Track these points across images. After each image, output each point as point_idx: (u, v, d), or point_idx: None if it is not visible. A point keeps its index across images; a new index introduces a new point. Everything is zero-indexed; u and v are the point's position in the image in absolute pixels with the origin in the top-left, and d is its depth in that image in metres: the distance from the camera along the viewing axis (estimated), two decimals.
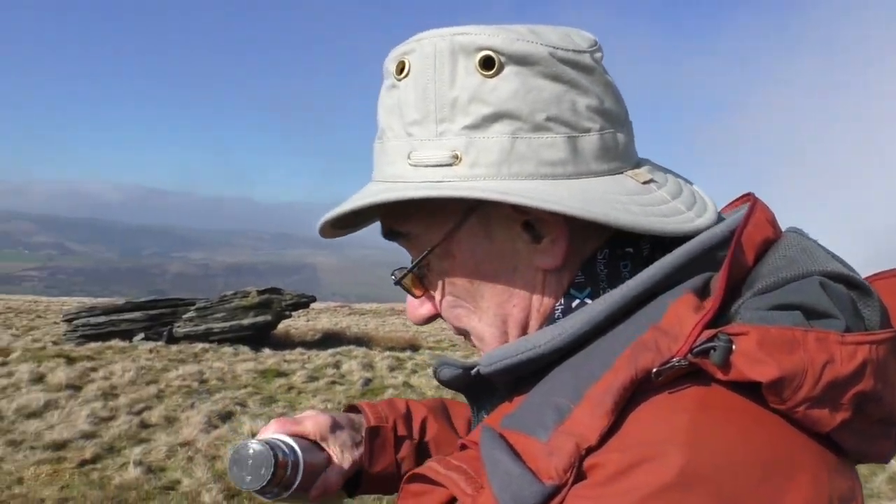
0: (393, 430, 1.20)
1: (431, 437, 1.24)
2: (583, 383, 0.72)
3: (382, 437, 1.19)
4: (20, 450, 7.56)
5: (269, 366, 13.59)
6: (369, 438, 1.17)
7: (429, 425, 1.25)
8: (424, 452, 1.22)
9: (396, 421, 1.22)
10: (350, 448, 1.16)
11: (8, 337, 17.85)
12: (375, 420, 1.20)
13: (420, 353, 17.21)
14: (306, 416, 1.15)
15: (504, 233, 0.86)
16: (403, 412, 1.25)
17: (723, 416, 0.68)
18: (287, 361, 14.33)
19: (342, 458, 1.14)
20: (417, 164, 0.84)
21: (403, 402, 1.29)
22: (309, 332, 20.78)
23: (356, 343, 18.32)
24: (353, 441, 1.16)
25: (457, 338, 1.18)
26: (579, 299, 0.86)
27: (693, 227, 0.81)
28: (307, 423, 1.13)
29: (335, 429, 1.15)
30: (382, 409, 1.24)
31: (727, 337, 0.68)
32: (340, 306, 41.72)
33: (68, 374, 11.46)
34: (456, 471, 0.78)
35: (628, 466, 0.64)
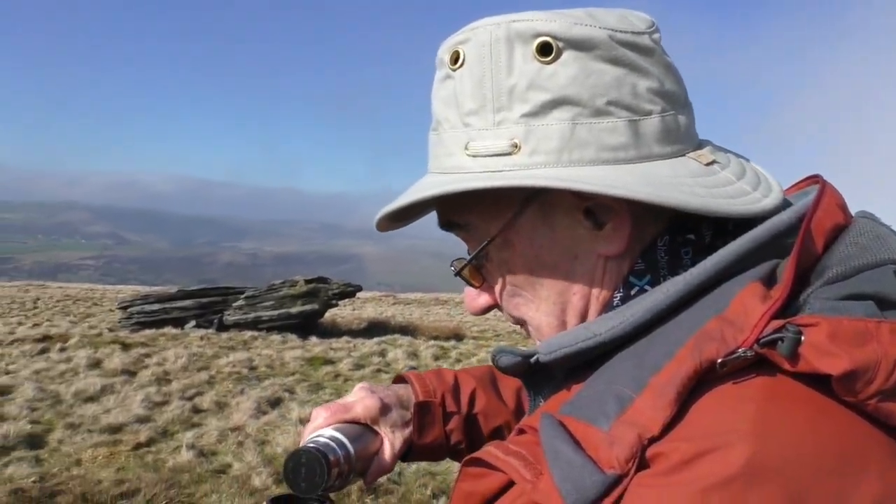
0: (441, 404, 1.21)
1: (480, 410, 1.24)
2: (645, 373, 0.71)
3: (431, 411, 1.19)
4: (78, 433, 7.76)
5: (317, 353, 13.77)
6: (418, 413, 1.18)
7: (477, 397, 1.25)
8: (473, 424, 1.23)
9: (445, 394, 1.22)
10: (400, 427, 1.16)
11: (66, 323, 18.36)
12: (424, 395, 1.20)
13: (464, 342, 17.24)
14: (356, 402, 1.14)
15: (565, 220, 0.85)
16: (451, 385, 1.24)
17: (791, 406, 0.66)
18: (334, 349, 14.51)
19: (394, 438, 1.14)
20: (476, 154, 0.83)
21: (452, 373, 1.28)
22: (355, 321, 20.95)
23: (401, 332, 18.42)
24: (402, 420, 1.17)
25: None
26: (638, 287, 0.85)
27: (760, 208, 0.78)
28: (357, 408, 1.13)
29: (385, 410, 1.15)
30: (431, 381, 1.23)
31: (796, 328, 0.65)
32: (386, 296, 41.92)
33: (123, 359, 11.75)
34: (515, 456, 0.77)
35: (693, 456, 0.63)
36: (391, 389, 1.20)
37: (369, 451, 1.11)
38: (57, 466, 6.75)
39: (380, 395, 1.16)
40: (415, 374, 1.25)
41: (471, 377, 1.27)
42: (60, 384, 10.00)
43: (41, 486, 6.02)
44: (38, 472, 6.44)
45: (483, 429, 1.24)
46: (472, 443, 1.22)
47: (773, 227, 0.77)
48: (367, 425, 1.13)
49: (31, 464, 6.68)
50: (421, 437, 1.18)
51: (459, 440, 1.21)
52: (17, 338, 13.45)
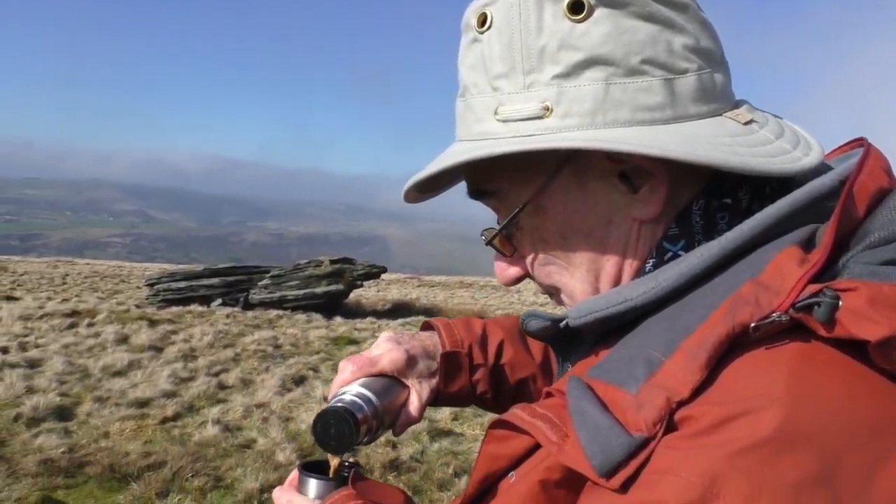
0: (468, 354, 1.19)
1: (507, 361, 1.22)
2: (676, 336, 0.69)
3: (457, 362, 1.18)
4: (106, 406, 7.88)
5: (341, 333, 13.84)
6: (444, 364, 1.16)
7: (505, 349, 1.23)
8: (499, 375, 1.21)
9: (472, 345, 1.20)
10: (427, 377, 1.15)
11: (94, 299, 18.61)
12: (451, 345, 1.18)
13: None
14: (382, 355, 1.13)
15: (599, 184, 0.82)
16: (479, 335, 1.22)
17: (826, 372, 0.64)
18: (358, 330, 14.57)
19: (420, 389, 1.14)
20: (506, 118, 0.81)
21: (480, 323, 1.26)
22: (379, 302, 21.05)
23: (425, 314, 18.48)
24: (428, 370, 1.15)
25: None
26: (672, 252, 0.83)
27: (801, 166, 0.76)
28: (383, 362, 1.11)
29: (411, 362, 1.13)
30: (458, 331, 1.21)
31: (834, 292, 0.63)
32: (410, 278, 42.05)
33: (150, 336, 11.90)
34: (541, 419, 0.77)
35: (724, 419, 0.61)
36: (417, 339, 1.19)
37: (396, 404, 1.10)
38: (85, 438, 6.86)
39: (406, 347, 1.15)
40: (443, 323, 1.24)
41: (499, 328, 1.25)
42: (89, 358, 10.15)
43: (70, 457, 6.14)
44: (67, 444, 6.55)
45: (509, 380, 1.22)
46: (497, 393, 1.21)
47: (814, 190, 0.74)
48: (393, 377, 1.12)
49: (61, 435, 6.79)
50: (447, 387, 1.17)
51: (485, 390, 1.20)
52: (47, 312, 13.66)
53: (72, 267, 37.39)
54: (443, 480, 6.21)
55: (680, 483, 0.60)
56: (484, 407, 1.24)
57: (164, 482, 5.76)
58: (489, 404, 1.23)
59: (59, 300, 17.82)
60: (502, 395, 1.22)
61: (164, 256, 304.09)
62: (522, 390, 1.22)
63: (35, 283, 25.36)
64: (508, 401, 1.21)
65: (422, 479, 6.25)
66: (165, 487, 5.70)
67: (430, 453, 6.92)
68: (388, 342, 1.16)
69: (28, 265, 35.87)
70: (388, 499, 1.02)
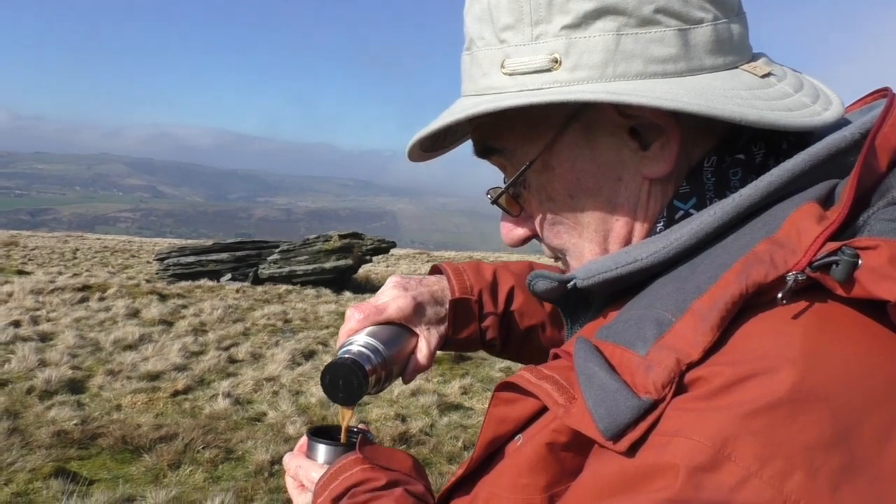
0: (478, 301, 1.16)
1: (516, 308, 1.19)
2: (687, 296, 0.67)
3: (467, 309, 1.15)
4: (118, 379, 7.95)
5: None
6: (453, 310, 1.14)
7: (515, 295, 1.20)
8: (508, 322, 1.19)
9: (482, 292, 1.17)
10: (435, 324, 1.13)
11: (105, 274, 18.71)
12: (460, 291, 1.15)
13: None
14: (388, 303, 1.10)
15: (609, 140, 0.80)
16: (490, 281, 1.19)
17: (842, 332, 0.62)
18: None
19: (429, 336, 1.11)
20: (513, 72, 0.78)
21: (491, 269, 1.22)
22: (388, 278, 21.06)
23: None
24: (437, 317, 1.13)
25: None
26: (683, 211, 0.80)
27: (821, 121, 0.73)
28: (390, 310, 1.09)
29: (418, 309, 1.11)
30: (468, 277, 1.18)
31: (853, 251, 0.61)
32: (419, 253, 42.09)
33: (161, 310, 11.96)
34: (548, 381, 0.75)
35: (736, 380, 0.60)
36: (424, 285, 1.15)
37: (405, 352, 1.09)
38: (98, 411, 6.95)
39: (413, 294, 1.12)
40: (452, 268, 1.20)
41: (510, 274, 1.22)
42: (100, 332, 10.21)
43: (83, 429, 6.21)
44: (80, 416, 6.63)
45: (518, 327, 1.20)
46: (506, 340, 1.20)
47: (833, 144, 0.71)
48: (401, 325, 1.10)
49: (73, 408, 6.87)
50: (456, 334, 1.14)
51: (494, 337, 1.18)
52: (58, 287, 13.72)
53: (82, 242, 37.55)
54: (452, 454, 6.26)
55: (690, 445, 0.59)
56: (491, 353, 1.23)
57: (175, 454, 5.83)
58: (497, 350, 1.21)
59: (70, 275, 17.91)
60: (511, 342, 1.21)
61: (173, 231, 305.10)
62: (531, 338, 1.21)
63: (46, 258, 25.49)
64: (516, 348, 1.21)
65: (431, 452, 6.30)
66: (177, 459, 5.77)
67: (439, 427, 6.97)
68: (395, 288, 1.13)
69: (39, 240, 36.04)
70: (396, 463, 1.03)
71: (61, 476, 5.20)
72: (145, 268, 22.47)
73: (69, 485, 5.09)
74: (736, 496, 0.56)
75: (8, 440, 5.77)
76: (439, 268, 1.22)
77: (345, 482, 0.98)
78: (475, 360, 9.56)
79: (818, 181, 0.71)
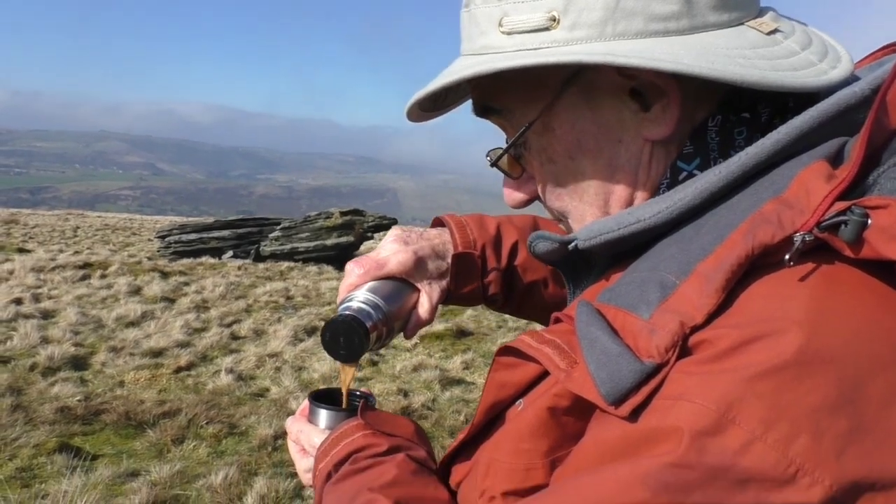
0: (481, 256, 1.14)
1: (519, 263, 1.17)
2: (692, 258, 0.66)
3: (470, 263, 1.13)
4: (120, 356, 7.98)
5: None
6: (456, 265, 1.12)
7: (519, 249, 1.18)
8: (511, 276, 1.18)
9: (485, 246, 1.15)
10: (437, 278, 1.11)
11: (106, 252, 18.74)
12: (463, 246, 1.13)
13: None
14: (389, 258, 1.08)
15: (609, 101, 0.78)
16: (493, 235, 1.16)
17: (849, 294, 0.61)
18: None
19: (430, 290, 1.10)
20: (511, 30, 0.76)
21: (494, 222, 1.19)
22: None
23: None
24: (438, 271, 1.11)
25: None
26: (687, 172, 0.79)
27: (827, 80, 0.71)
28: (390, 265, 1.07)
29: (419, 263, 1.09)
30: (471, 231, 1.15)
31: (862, 210, 0.59)
32: None
33: (163, 287, 11.98)
34: (549, 345, 0.74)
35: (741, 343, 0.59)
36: (426, 239, 1.13)
37: (406, 308, 1.08)
38: (101, 387, 6.97)
39: (414, 248, 1.09)
40: (455, 221, 1.17)
41: (514, 228, 1.20)
42: (102, 309, 10.24)
43: (86, 405, 6.23)
44: (83, 392, 6.66)
45: (521, 282, 1.18)
46: (508, 295, 1.19)
47: (842, 100, 0.68)
48: (402, 279, 1.08)
49: (76, 384, 6.89)
50: (457, 288, 1.13)
51: (496, 292, 1.16)
52: (59, 264, 13.74)
53: (83, 220, 37.59)
54: (454, 427, 6.28)
55: (694, 409, 0.58)
56: (493, 307, 1.21)
57: (179, 429, 5.85)
58: (499, 305, 1.20)
59: (71, 252, 17.94)
60: (513, 297, 1.19)
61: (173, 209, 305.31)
62: (533, 293, 1.19)
63: (46, 236, 25.52)
64: (518, 303, 1.20)
65: (433, 426, 6.32)
66: (181, 434, 5.79)
67: (441, 401, 6.99)
68: (396, 242, 1.10)
69: (39, 218, 36.07)
70: (398, 429, 1.02)
71: (65, 451, 5.23)
72: (146, 245, 22.50)
73: (73, 460, 5.11)
74: (740, 460, 0.56)
75: (12, 416, 5.79)
76: (442, 220, 1.20)
77: (346, 448, 0.97)
78: (477, 335, 9.58)
79: (827, 139, 0.69)
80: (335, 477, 0.95)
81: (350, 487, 0.91)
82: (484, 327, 10.04)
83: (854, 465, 0.55)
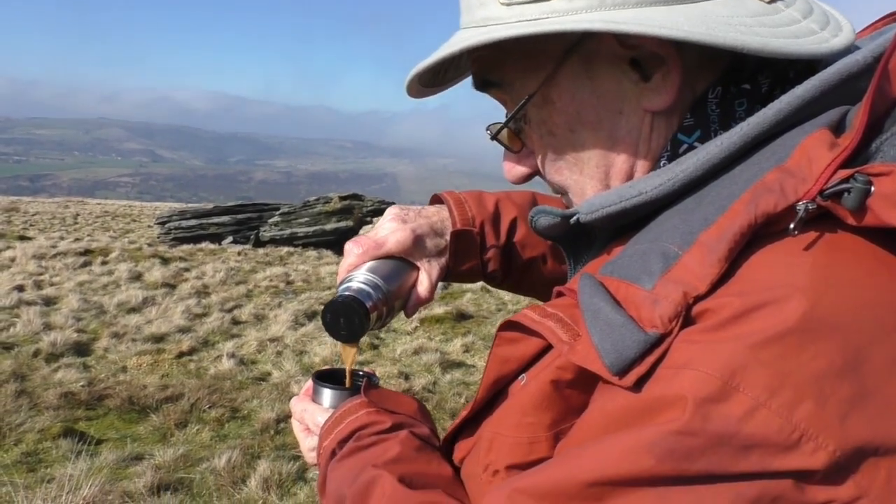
0: (480, 233, 1.13)
1: (518, 239, 1.17)
2: (694, 228, 0.66)
3: (468, 241, 1.12)
4: (123, 341, 8.03)
5: None
6: (454, 243, 1.11)
7: (518, 226, 1.17)
8: (510, 253, 1.17)
9: (484, 223, 1.14)
10: (436, 255, 1.10)
11: (106, 238, 18.73)
12: (462, 223, 1.12)
13: None
14: (387, 237, 1.07)
15: (609, 72, 0.77)
16: (492, 212, 1.15)
17: (853, 261, 0.61)
18: None
19: (430, 268, 1.10)
20: (511, 1, 0.75)
21: (493, 199, 1.18)
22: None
23: None
24: (437, 248, 1.11)
25: None
26: (687, 144, 0.78)
27: (828, 48, 0.70)
28: (389, 244, 1.06)
29: (418, 242, 1.08)
30: (470, 208, 1.14)
31: (866, 177, 0.58)
32: None
33: (163, 273, 12.02)
34: (551, 318, 0.74)
35: (745, 311, 0.59)
36: (424, 217, 1.12)
37: (406, 286, 1.08)
38: (104, 372, 7.02)
39: (412, 226, 1.08)
40: (454, 198, 1.16)
41: (513, 204, 1.19)
42: (104, 296, 10.27)
43: (90, 390, 6.27)
44: (86, 378, 6.70)
45: (520, 258, 1.18)
46: (507, 272, 1.18)
47: (844, 69, 0.67)
48: (401, 258, 1.08)
49: (80, 370, 6.95)
50: (456, 266, 1.12)
51: (495, 269, 1.16)
52: (60, 251, 13.75)
53: (83, 207, 37.54)
54: (455, 410, 6.32)
55: (697, 377, 0.58)
56: (492, 284, 1.21)
57: (182, 413, 5.90)
58: (498, 282, 1.20)
59: (72, 239, 17.92)
60: (512, 274, 1.19)
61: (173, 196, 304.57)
62: (533, 269, 1.19)
63: (47, 223, 25.52)
64: (517, 279, 1.20)
65: (434, 408, 6.36)
66: (184, 418, 5.84)
67: (441, 384, 7.03)
68: (394, 221, 1.10)
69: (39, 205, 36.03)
70: (401, 407, 1.02)
71: (70, 436, 5.28)
72: (146, 232, 22.51)
73: (78, 444, 5.15)
74: (744, 426, 0.56)
75: (16, 402, 5.83)
76: (440, 197, 1.19)
77: (350, 425, 0.98)
78: (477, 318, 9.61)
79: (829, 108, 0.68)
80: (339, 454, 0.95)
81: (354, 464, 0.91)
82: (484, 310, 10.07)
83: (858, 431, 0.55)
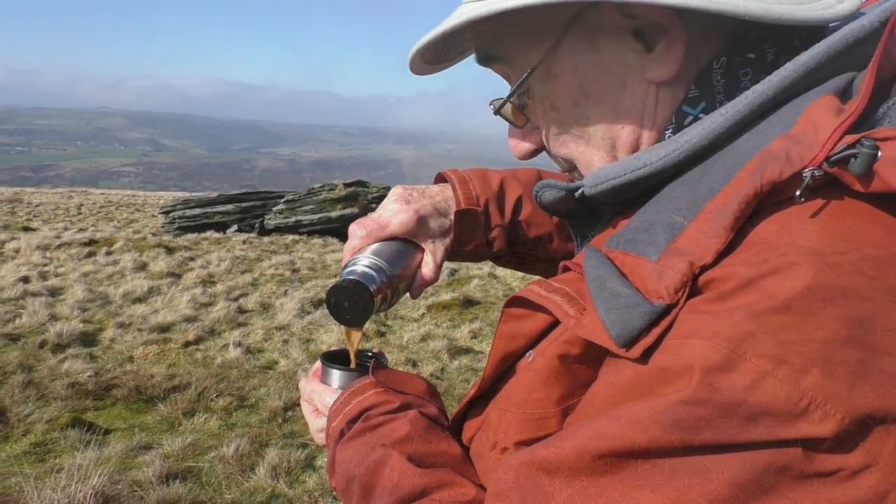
0: (484, 212, 1.12)
1: (524, 218, 1.16)
2: (699, 198, 0.65)
3: (473, 220, 1.11)
4: (129, 331, 8.03)
5: None
6: (459, 222, 1.10)
7: (523, 204, 1.16)
8: (515, 232, 1.16)
9: (489, 202, 1.13)
10: (440, 236, 1.09)
11: (111, 228, 18.77)
12: (466, 202, 1.11)
13: None
14: (390, 219, 1.06)
15: (612, 43, 0.76)
16: (496, 191, 1.14)
17: (860, 227, 0.60)
18: None
19: (435, 249, 1.09)
20: None
21: (498, 177, 1.17)
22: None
23: None
24: (441, 229, 1.09)
25: None
26: (692, 116, 0.77)
27: (833, 14, 0.69)
28: (392, 226, 1.05)
29: (422, 222, 1.07)
30: (474, 187, 1.13)
31: (872, 142, 0.57)
32: None
33: (168, 262, 12.03)
34: (557, 293, 0.74)
35: (751, 279, 0.58)
36: (428, 197, 1.11)
37: (411, 268, 1.07)
38: (110, 362, 7.02)
39: (415, 207, 1.08)
40: (458, 176, 1.15)
41: (517, 183, 1.18)
42: (109, 286, 10.28)
43: (97, 380, 6.26)
44: (93, 368, 6.70)
45: (526, 237, 1.17)
46: (512, 250, 1.18)
47: (850, 34, 0.67)
48: (405, 239, 1.07)
49: (86, 360, 6.95)
50: (461, 245, 1.12)
51: (500, 248, 1.15)
52: (64, 242, 13.77)
53: (87, 197, 37.61)
54: (463, 396, 6.27)
55: (704, 346, 0.58)
56: (498, 263, 1.21)
57: (189, 402, 5.89)
58: (503, 261, 1.20)
59: (76, 230, 17.98)
60: (518, 253, 1.18)
61: (176, 185, 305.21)
62: (538, 248, 1.18)
63: (51, 214, 25.57)
64: (522, 258, 1.19)
65: (443, 395, 6.35)
66: (191, 407, 5.84)
67: (450, 370, 7.03)
68: (397, 202, 1.09)
69: (43, 196, 36.11)
70: (410, 387, 1.02)
71: (78, 426, 5.28)
72: (151, 221, 22.53)
73: (86, 434, 5.15)
74: (751, 395, 0.55)
75: (24, 392, 5.84)
76: (445, 175, 1.18)
77: (359, 405, 0.97)
78: (484, 304, 9.60)
79: (835, 74, 0.68)
80: (348, 434, 0.95)
81: (363, 444, 0.91)
82: (491, 296, 10.06)
83: (866, 398, 0.55)
